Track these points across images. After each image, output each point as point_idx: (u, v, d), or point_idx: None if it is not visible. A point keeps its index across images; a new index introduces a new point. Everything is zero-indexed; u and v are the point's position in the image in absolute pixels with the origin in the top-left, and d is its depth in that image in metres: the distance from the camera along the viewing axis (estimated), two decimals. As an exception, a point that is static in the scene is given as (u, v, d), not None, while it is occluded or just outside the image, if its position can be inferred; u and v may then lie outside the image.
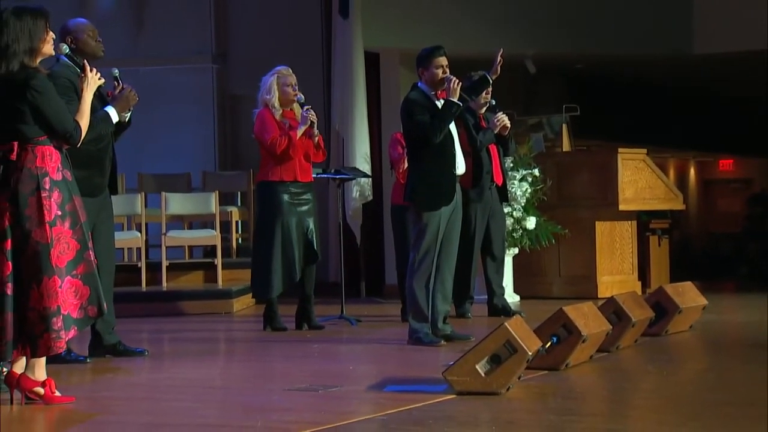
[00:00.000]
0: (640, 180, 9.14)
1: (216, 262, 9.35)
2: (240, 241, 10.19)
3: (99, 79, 4.65)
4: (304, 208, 6.98)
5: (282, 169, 6.91)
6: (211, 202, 9.48)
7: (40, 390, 4.33)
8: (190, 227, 10.03)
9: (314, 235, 6.98)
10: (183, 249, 9.86)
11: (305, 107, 6.92)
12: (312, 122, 6.89)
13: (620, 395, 4.62)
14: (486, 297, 7.78)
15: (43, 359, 4.35)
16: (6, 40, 4.32)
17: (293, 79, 6.96)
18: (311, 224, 6.99)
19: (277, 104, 6.94)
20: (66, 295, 4.28)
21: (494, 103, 7.45)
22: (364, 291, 10.14)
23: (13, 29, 4.32)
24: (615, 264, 9.13)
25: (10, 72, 4.33)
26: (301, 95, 6.97)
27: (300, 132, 6.88)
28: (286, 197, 6.91)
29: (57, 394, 4.37)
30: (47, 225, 4.26)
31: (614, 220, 9.14)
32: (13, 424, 4.14)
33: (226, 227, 9.90)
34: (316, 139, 6.96)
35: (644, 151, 9.39)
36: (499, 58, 6.07)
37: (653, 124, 14.36)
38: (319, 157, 7.07)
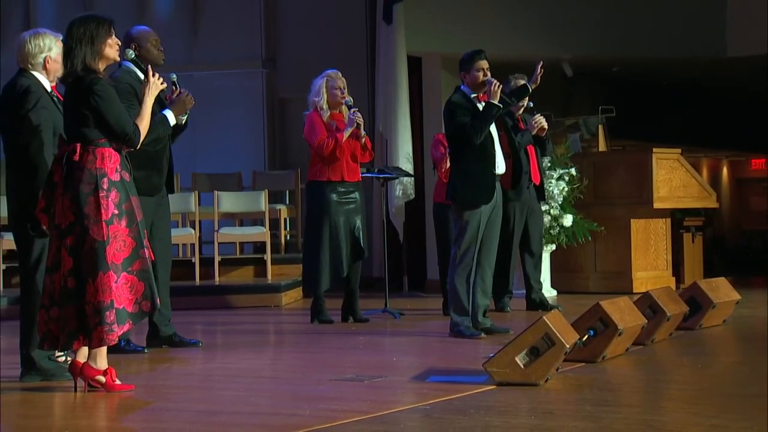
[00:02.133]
0: (674, 179, 9.05)
1: (265, 258, 9.40)
2: (288, 237, 10.24)
3: (161, 84, 4.70)
4: (352, 206, 6.98)
5: (330, 169, 6.92)
6: (261, 201, 9.53)
7: (102, 378, 4.39)
8: (241, 224, 10.10)
9: (361, 233, 6.99)
10: (234, 245, 9.93)
11: (352, 109, 6.92)
12: (358, 124, 6.88)
13: (655, 387, 4.59)
14: (524, 292, 7.75)
15: (104, 349, 4.41)
16: (70, 43, 4.42)
17: (342, 82, 6.95)
18: (358, 222, 7.00)
19: (325, 106, 6.94)
20: (121, 291, 4.32)
21: (532, 105, 7.42)
22: (407, 285, 10.14)
23: (77, 33, 4.42)
24: (650, 260, 9.04)
25: (74, 71, 4.40)
26: (350, 98, 6.96)
27: (346, 134, 6.88)
28: (333, 196, 6.92)
29: (117, 382, 4.43)
30: (104, 223, 4.31)
31: (649, 218, 9.05)
32: (76, 410, 4.20)
33: (275, 224, 9.95)
34: (363, 140, 6.96)
35: (678, 150, 9.29)
36: (539, 69, 6.06)
37: (687, 124, 14.20)
38: (366, 157, 7.07)
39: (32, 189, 4.60)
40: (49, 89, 4.85)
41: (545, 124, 7.43)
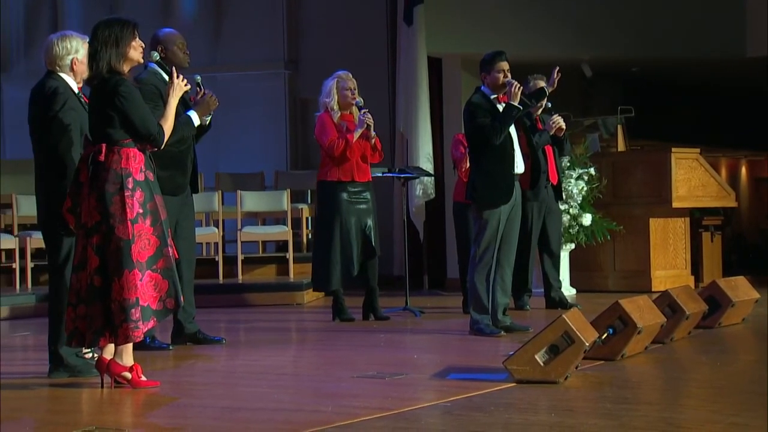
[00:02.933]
0: (693, 178, 9.01)
1: (288, 257, 9.43)
2: (310, 236, 10.25)
3: (185, 85, 4.73)
4: (363, 206, 6.97)
5: (340, 169, 6.90)
6: (283, 200, 9.56)
7: (128, 375, 4.42)
8: (264, 223, 10.14)
9: (372, 232, 6.97)
10: (257, 244, 9.97)
11: (362, 110, 6.90)
12: (368, 125, 6.86)
13: (674, 385, 4.57)
14: (543, 290, 7.74)
15: (130, 346, 4.44)
16: (95, 46, 4.45)
17: (352, 83, 6.92)
18: (370, 222, 6.97)
19: (336, 107, 6.92)
20: (146, 288, 4.35)
21: (550, 105, 7.40)
22: (427, 284, 10.14)
23: (102, 35, 4.45)
24: (668, 259, 9.00)
25: (99, 74, 4.43)
26: (360, 99, 6.93)
27: (357, 135, 6.85)
28: (344, 196, 6.90)
29: (143, 378, 4.46)
30: (129, 222, 4.34)
31: (668, 217, 9.01)
32: (103, 405, 4.24)
33: (297, 223, 9.99)
34: (373, 141, 6.94)
35: (697, 150, 9.25)
36: (555, 74, 6.09)
37: (705, 124, 14.12)
38: (375, 158, 7.04)
39: (61, 188, 4.63)
40: (76, 90, 4.88)
41: (563, 125, 7.42)
